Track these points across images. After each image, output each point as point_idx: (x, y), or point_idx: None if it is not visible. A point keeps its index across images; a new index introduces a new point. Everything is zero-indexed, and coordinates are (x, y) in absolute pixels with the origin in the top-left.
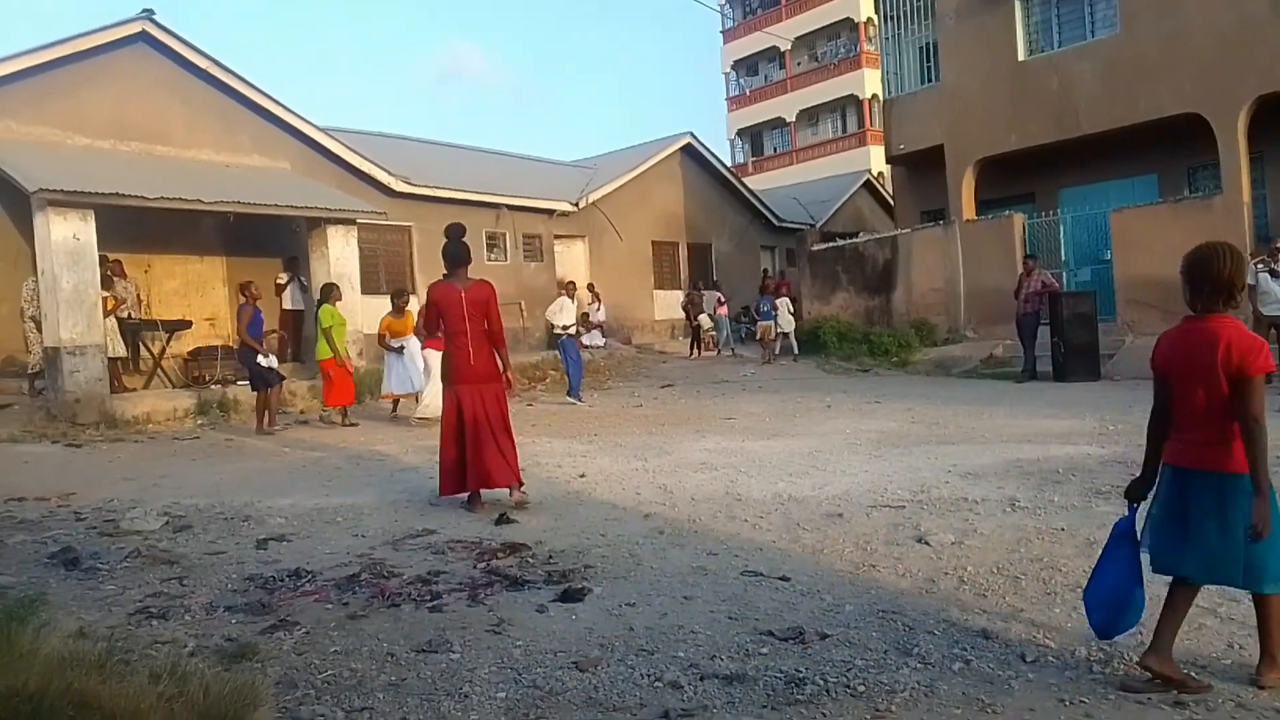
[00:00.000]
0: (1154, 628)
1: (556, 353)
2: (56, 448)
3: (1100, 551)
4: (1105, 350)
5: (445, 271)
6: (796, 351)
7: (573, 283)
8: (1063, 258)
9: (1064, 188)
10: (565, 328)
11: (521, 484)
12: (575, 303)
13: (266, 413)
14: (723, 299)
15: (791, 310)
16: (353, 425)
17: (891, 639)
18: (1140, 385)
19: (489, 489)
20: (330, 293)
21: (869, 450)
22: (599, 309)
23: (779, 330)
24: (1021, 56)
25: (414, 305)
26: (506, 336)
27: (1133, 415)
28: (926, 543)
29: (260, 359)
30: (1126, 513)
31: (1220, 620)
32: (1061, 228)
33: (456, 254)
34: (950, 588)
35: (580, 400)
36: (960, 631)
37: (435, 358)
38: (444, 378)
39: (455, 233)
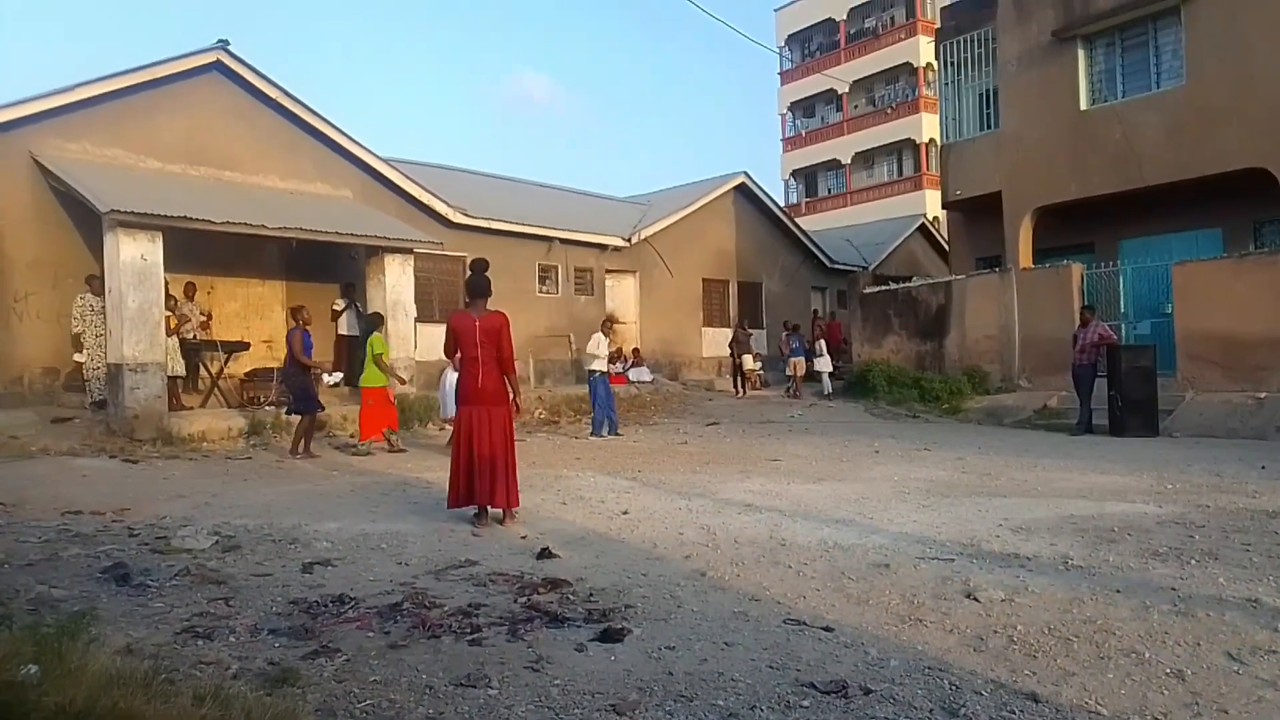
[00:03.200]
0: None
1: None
2: (114, 463)
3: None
4: (1164, 406)
5: (467, 300)
6: (830, 391)
7: (610, 319)
8: (1122, 309)
9: (1124, 239)
10: (593, 370)
11: (512, 505)
12: (608, 339)
13: (304, 438)
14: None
15: (827, 351)
16: (401, 450)
17: (937, 697)
18: (1200, 443)
19: (491, 506)
20: (379, 322)
21: (918, 499)
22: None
23: (816, 370)
24: (1084, 106)
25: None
26: (553, 368)
27: (1192, 474)
28: (975, 598)
29: (325, 376)
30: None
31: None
32: (1121, 279)
33: (478, 285)
34: (999, 646)
35: (603, 435)
36: (1009, 693)
37: None
38: (456, 398)
39: (479, 267)
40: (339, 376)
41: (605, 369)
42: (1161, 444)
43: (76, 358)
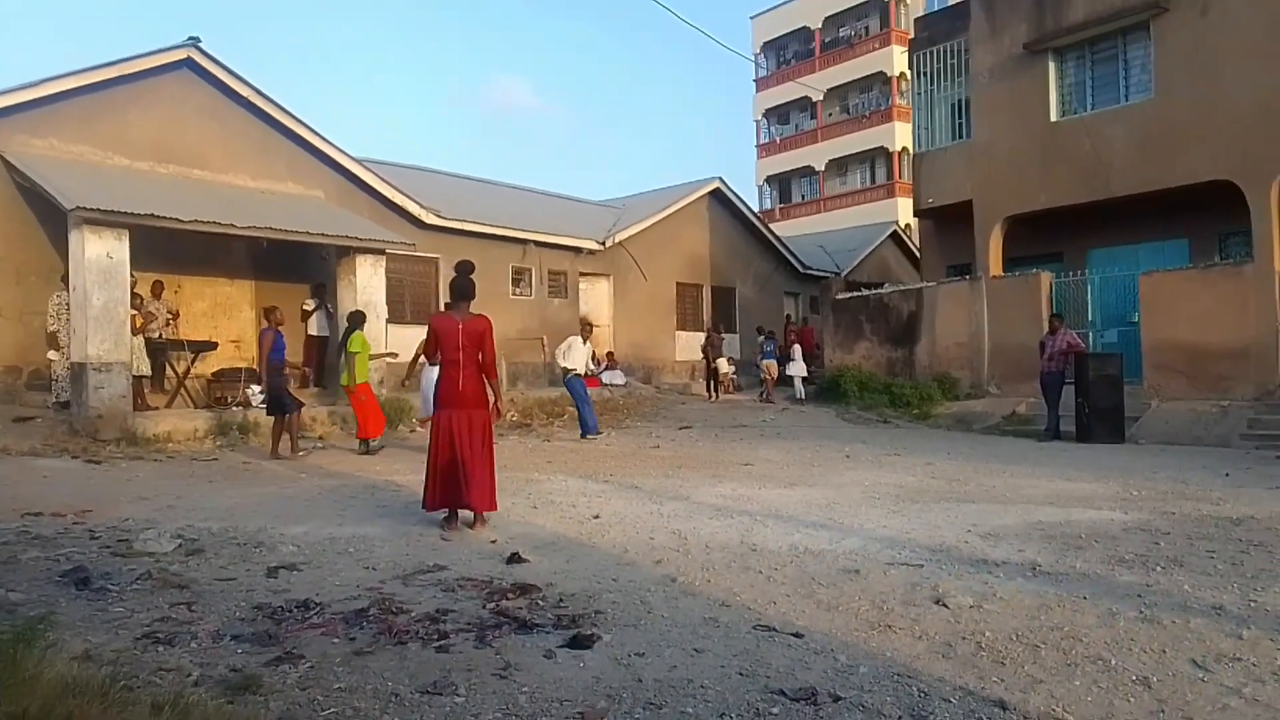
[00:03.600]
0: None
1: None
2: (76, 463)
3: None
4: (1130, 413)
5: (448, 302)
6: (802, 396)
7: (588, 324)
8: (1090, 318)
9: (1093, 249)
10: (568, 370)
11: (488, 510)
12: (589, 345)
13: (287, 438)
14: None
15: (799, 357)
16: (365, 454)
17: (906, 704)
18: (1165, 450)
19: (462, 509)
20: (361, 320)
21: (888, 504)
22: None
23: (789, 374)
24: (1054, 117)
25: None
26: (526, 370)
27: (1157, 481)
28: (944, 604)
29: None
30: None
31: (1246, 701)
32: (1089, 288)
33: (463, 288)
34: (968, 653)
35: (599, 433)
36: (977, 700)
37: None
38: (435, 401)
39: (464, 269)
40: (256, 390)
41: (583, 372)
42: (1128, 451)
43: (51, 355)
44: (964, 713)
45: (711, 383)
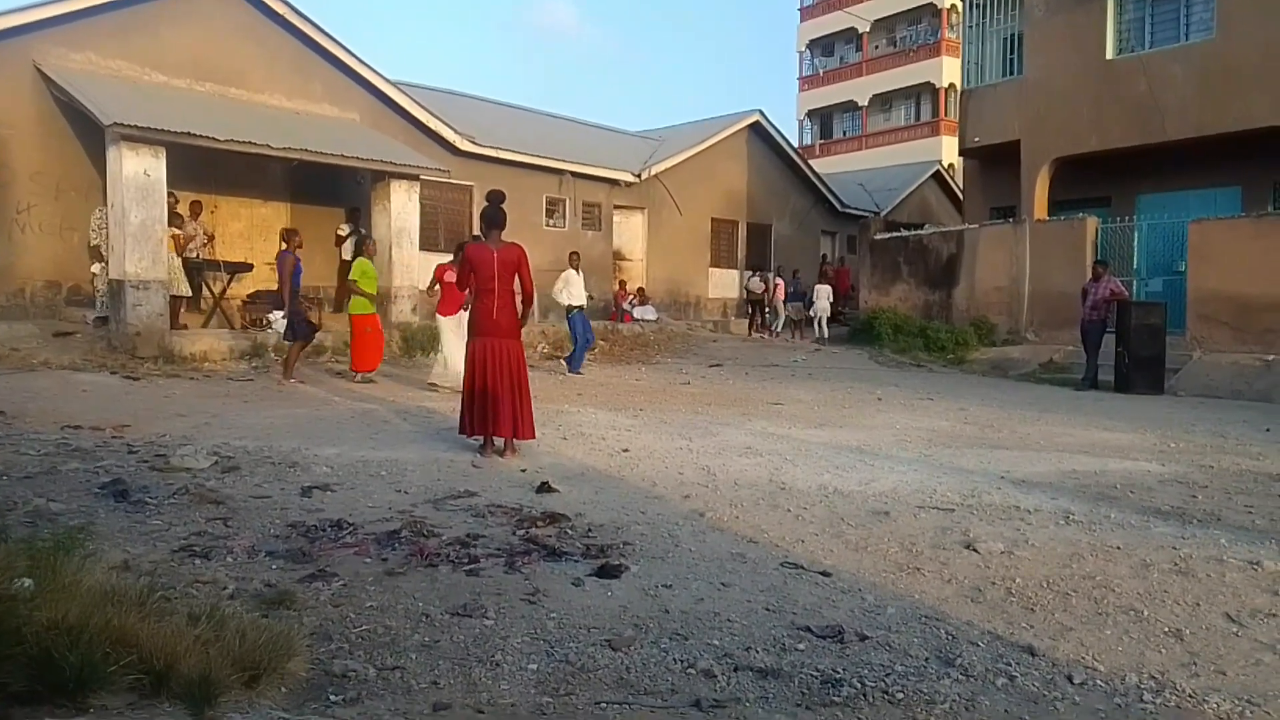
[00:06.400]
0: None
1: (604, 322)
2: (115, 379)
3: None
4: (1171, 364)
5: (480, 231)
6: (824, 336)
7: (576, 253)
8: (1135, 266)
9: (1142, 194)
10: (572, 307)
11: (522, 438)
12: (581, 275)
13: (290, 363)
14: (779, 281)
15: (828, 297)
16: (370, 382)
17: (933, 646)
18: (1205, 403)
19: (498, 436)
20: (366, 245)
21: (919, 448)
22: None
23: (811, 315)
24: (1110, 55)
25: None
26: (557, 303)
27: (1196, 434)
28: (974, 550)
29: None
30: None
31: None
32: (1136, 235)
33: (494, 217)
34: (997, 598)
35: (580, 373)
36: (1005, 645)
37: (446, 323)
38: (470, 329)
39: (495, 198)
40: (278, 315)
41: (583, 305)
42: (1166, 402)
43: (94, 269)
44: (992, 656)
45: (761, 320)
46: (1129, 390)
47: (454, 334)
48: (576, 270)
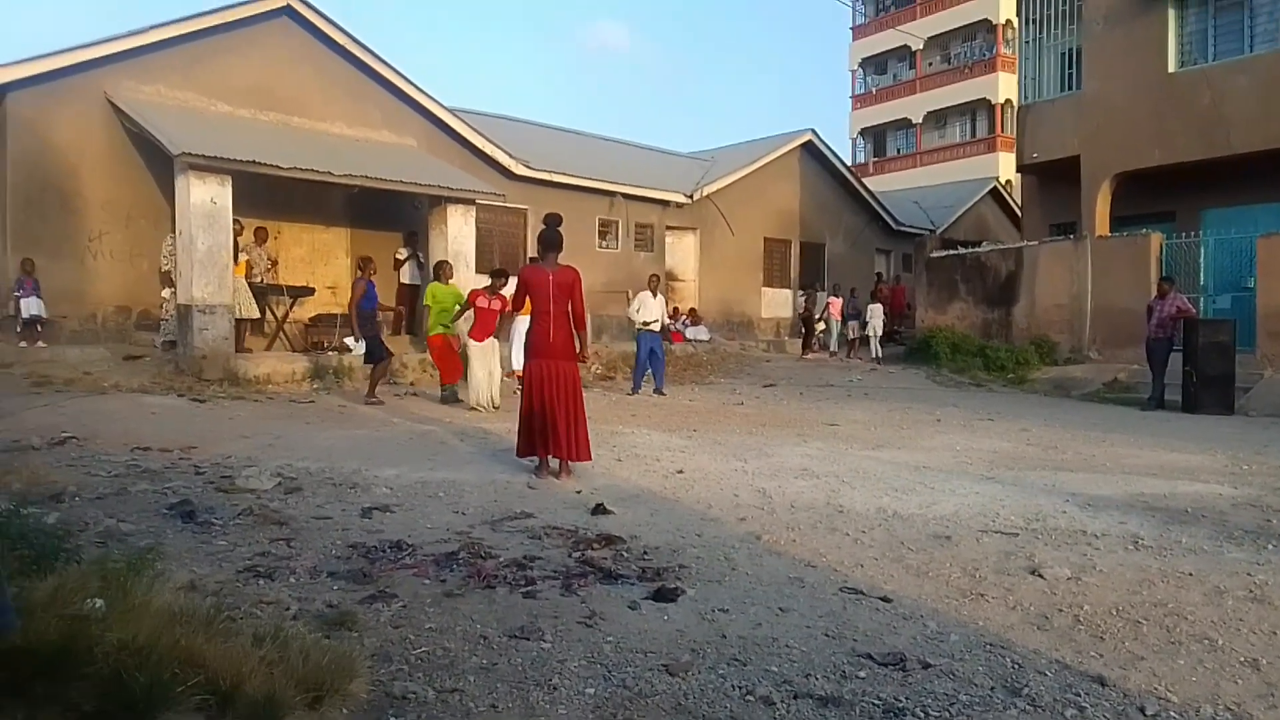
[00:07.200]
0: None
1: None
2: (182, 401)
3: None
4: (1241, 383)
5: (537, 254)
6: (878, 355)
7: (656, 275)
8: (1201, 282)
9: (1207, 209)
10: (646, 324)
11: (578, 460)
12: (660, 297)
13: (372, 385)
14: (834, 299)
15: (881, 315)
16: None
17: (999, 675)
18: (1277, 423)
19: (554, 458)
20: (441, 270)
21: (980, 470)
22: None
23: (864, 333)
24: (1172, 68)
25: (510, 289)
26: (610, 324)
27: (1268, 455)
28: (1040, 575)
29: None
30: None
31: None
32: (1202, 250)
33: (550, 240)
34: (1064, 626)
35: (635, 394)
36: (1074, 675)
37: (476, 349)
38: (525, 351)
39: (553, 221)
40: (357, 344)
41: (656, 327)
42: (1236, 423)
43: (164, 294)
44: (1060, 686)
45: (815, 340)
46: (1197, 410)
47: (478, 360)
48: (654, 293)
